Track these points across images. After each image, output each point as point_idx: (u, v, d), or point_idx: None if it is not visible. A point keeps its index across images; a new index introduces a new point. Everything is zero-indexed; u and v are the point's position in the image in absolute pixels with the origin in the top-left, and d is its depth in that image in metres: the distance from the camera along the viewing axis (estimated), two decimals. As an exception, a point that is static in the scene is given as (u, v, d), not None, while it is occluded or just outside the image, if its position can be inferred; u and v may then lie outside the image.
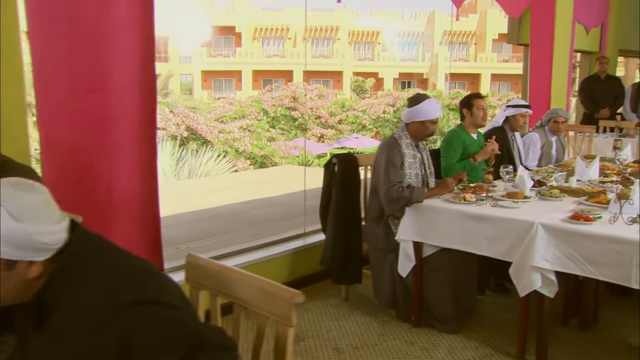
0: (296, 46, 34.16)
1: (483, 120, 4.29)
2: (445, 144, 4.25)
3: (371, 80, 32.37)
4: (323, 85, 28.57)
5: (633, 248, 2.73)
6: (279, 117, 22.34)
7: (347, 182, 3.90)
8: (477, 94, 4.38)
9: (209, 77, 33.30)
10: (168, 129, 13.55)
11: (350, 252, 3.90)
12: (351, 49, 34.76)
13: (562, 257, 2.95)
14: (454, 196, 3.47)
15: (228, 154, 14.29)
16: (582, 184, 3.98)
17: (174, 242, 6.38)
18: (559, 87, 7.10)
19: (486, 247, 3.21)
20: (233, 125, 17.02)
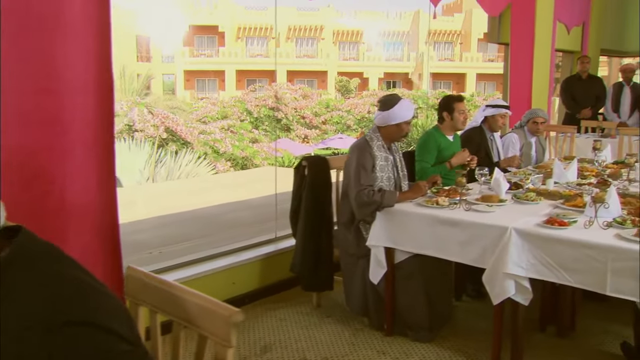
0: (280, 46, 34.00)
1: (463, 124, 4.21)
2: (419, 147, 4.16)
3: (356, 80, 32.34)
4: (307, 86, 28.49)
5: (607, 254, 2.64)
6: (262, 118, 22.20)
7: (317, 185, 3.79)
8: (458, 97, 4.28)
9: (192, 77, 33.04)
10: (146, 130, 13.36)
11: (320, 258, 3.79)
12: (336, 49, 34.68)
13: (536, 264, 2.86)
14: (427, 200, 3.37)
15: (208, 155, 14.13)
16: (559, 187, 3.91)
17: (148, 247, 6.26)
18: (540, 86, 7.05)
19: (458, 253, 3.12)
20: (215, 125, 16.86)
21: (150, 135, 13.35)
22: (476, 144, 4.72)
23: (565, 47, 7.94)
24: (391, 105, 3.52)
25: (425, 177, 3.92)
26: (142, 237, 7.08)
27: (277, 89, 24.26)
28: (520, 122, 5.35)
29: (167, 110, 16.45)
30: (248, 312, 3.85)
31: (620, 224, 2.91)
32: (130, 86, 19.57)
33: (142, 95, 19.76)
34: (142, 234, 7.23)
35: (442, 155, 4.11)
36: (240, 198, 9.41)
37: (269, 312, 3.87)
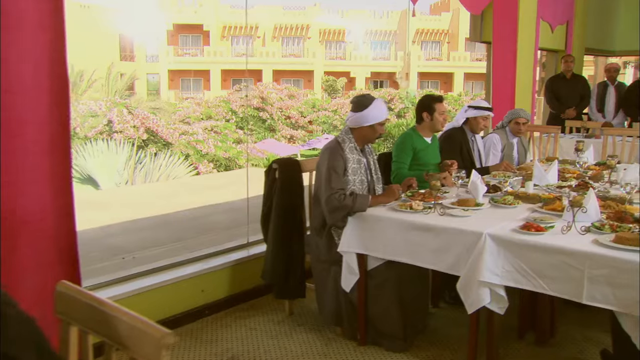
0: (265, 45, 33.83)
1: (442, 126, 4.12)
2: (396, 148, 4.06)
3: (343, 79, 32.25)
4: (294, 85, 28.37)
5: (584, 260, 2.55)
6: (247, 118, 22.05)
7: (288, 188, 3.67)
8: (439, 97, 4.17)
9: (176, 76, 32.81)
10: (126, 131, 13.16)
11: (292, 265, 3.68)
12: (322, 48, 34.57)
13: (512, 271, 2.77)
14: (400, 204, 3.27)
15: (190, 156, 13.96)
16: (539, 189, 3.82)
17: (123, 251, 6.11)
18: (523, 86, 6.98)
19: (431, 259, 3.02)
20: (198, 126, 16.68)
21: (130, 136, 13.15)
22: (457, 144, 4.64)
23: (549, 46, 7.88)
24: (364, 106, 3.41)
25: (400, 178, 3.82)
26: (117, 241, 6.94)
27: (263, 88, 24.15)
28: (502, 122, 5.27)
29: (150, 111, 16.26)
30: (217, 322, 3.72)
31: (598, 229, 2.82)
32: (113, 86, 19.33)
33: (125, 96, 19.50)
34: (116, 238, 7.09)
35: (419, 157, 4.00)
36: (221, 200, 9.27)
37: (239, 320, 3.75)
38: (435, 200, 3.29)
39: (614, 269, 2.48)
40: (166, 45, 32.54)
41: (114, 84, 19.29)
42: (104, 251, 6.32)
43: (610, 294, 2.50)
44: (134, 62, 32.17)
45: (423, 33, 35.17)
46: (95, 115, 13.17)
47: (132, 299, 3.38)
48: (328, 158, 3.36)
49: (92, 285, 3.41)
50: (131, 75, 20.10)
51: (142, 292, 3.43)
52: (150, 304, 3.46)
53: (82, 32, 23.82)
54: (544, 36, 7.40)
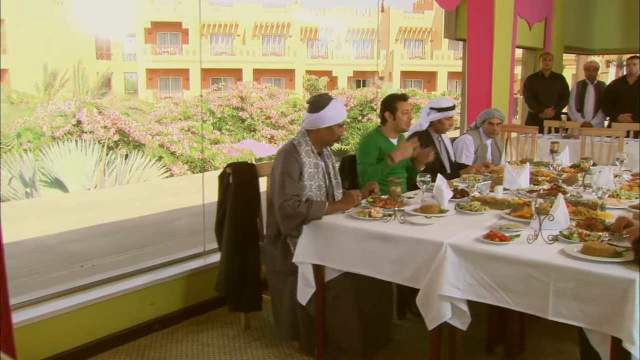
0: (245, 43, 33.55)
1: (407, 125, 3.96)
2: (360, 150, 3.91)
3: (325, 78, 32.03)
4: (275, 85, 28.13)
5: (549, 273, 2.39)
6: (226, 118, 21.80)
7: (243, 194, 3.49)
8: (402, 96, 4.01)
9: (155, 75, 32.39)
10: (96, 132, 12.86)
11: (247, 276, 3.49)
12: (304, 47, 34.36)
13: (474, 284, 2.60)
14: (359, 211, 3.09)
15: (164, 158, 13.70)
16: (510, 194, 3.67)
17: (83, 258, 5.89)
18: (500, 85, 6.86)
19: (390, 271, 2.84)
20: (174, 126, 16.40)
21: (100, 137, 12.86)
22: (424, 146, 4.47)
23: (527, 43, 7.77)
24: (322, 107, 3.24)
25: (370, 178, 3.67)
26: (78, 247, 6.73)
27: (242, 88, 23.91)
28: (475, 122, 5.13)
29: (123, 111, 15.96)
30: (167, 337, 3.53)
31: (566, 237, 2.66)
32: (84, 85, 18.98)
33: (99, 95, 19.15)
34: (78, 244, 6.87)
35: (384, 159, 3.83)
36: (192, 203, 9.05)
37: (191, 335, 3.55)
38: (397, 206, 3.13)
39: (581, 282, 2.32)
40: (144, 44, 32.11)
41: (84, 83, 18.93)
42: (63, 259, 6.11)
43: (577, 309, 2.35)
44: (110, 61, 31.74)
45: (406, 31, 35.10)
46: (63, 115, 12.86)
47: (73, 314, 3.19)
48: (282, 162, 3.18)
49: (30, 301, 3.20)
50: (104, 74, 19.72)
51: (84, 307, 3.24)
52: (92, 320, 3.27)
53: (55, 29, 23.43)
54: (521, 34, 7.29)
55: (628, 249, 2.46)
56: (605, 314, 2.27)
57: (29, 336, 2.97)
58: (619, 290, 2.23)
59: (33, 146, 11.93)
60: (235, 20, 33.35)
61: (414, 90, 28.06)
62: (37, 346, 3.04)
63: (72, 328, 3.19)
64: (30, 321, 3.02)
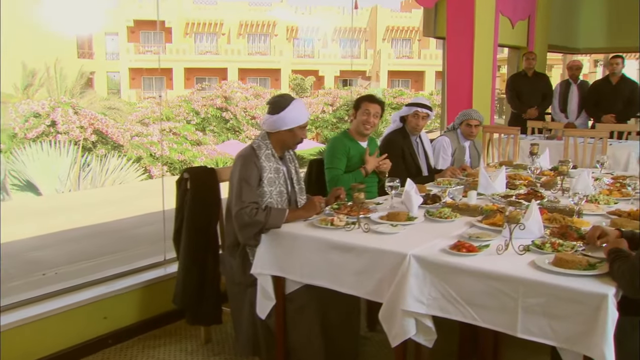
0: (230, 42, 33.30)
1: (365, 128, 3.77)
2: (327, 154, 3.76)
3: (311, 78, 31.90)
4: (260, 84, 27.94)
5: (518, 287, 2.24)
6: (209, 118, 21.58)
7: (201, 201, 3.32)
8: (369, 97, 3.84)
9: (138, 75, 32.07)
10: (71, 132, 12.59)
11: (205, 287, 3.32)
12: (290, 46, 34.18)
13: (439, 298, 2.45)
14: (321, 219, 2.93)
15: (143, 160, 13.48)
16: (484, 200, 3.52)
17: (48, 266, 5.68)
18: (481, 84, 6.73)
19: (353, 284, 2.68)
20: (155, 127, 16.17)
21: (76, 138, 12.60)
22: (398, 148, 4.33)
23: (509, 42, 7.66)
24: (282, 108, 3.07)
25: (342, 185, 3.51)
26: (44, 254, 6.52)
27: (227, 87, 23.71)
28: (453, 124, 5.00)
29: (102, 111, 15.72)
30: (121, 352, 3.35)
31: (538, 247, 2.52)
32: (61, 84, 18.68)
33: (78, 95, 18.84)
34: (44, 251, 6.66)
35: (353, 163, 3.69)
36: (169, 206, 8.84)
37: (147, 350, 3.38)
38: (361, 214, 2.97)
39: (551, 298, 2.18)
40: (126, 42, 31.78)
41: (61, 82, 18.62)
42: (26, 266, 5.89)
43: (547, 326, 2.20)
44: (92, 60, 31.40)
45: (393, 30, 35.00)
46: (37, 116, 12.59)
47: (15, 331, 2.99)
48: (240, 167, 3.01)
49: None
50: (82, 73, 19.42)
51: (27, 323, 3.05)
52: (36, 336, 3.08)
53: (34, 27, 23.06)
54: (504, 32, 7.17)
55: (602, 261, 2.33)
56: (576, 331, 2.13)
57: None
58: (591, 307, 2.09)
59: (5, 147, 11.67)
60: (220, 19, 33.09)
61: (401, 90, 27.92)
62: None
63: (16, 345, 2.99)
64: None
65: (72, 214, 9.17)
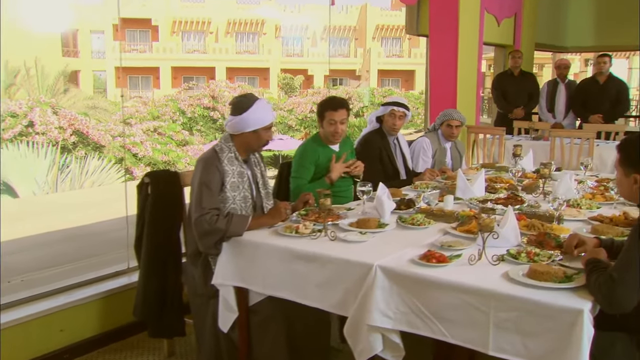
0: (218, 41, 33.07)
1: (334, 137, 3.62)
2: (294, 161, 3.61)
3: (300, 77, 31.72)
4: (249, 84, 27.76)
5: (489, 301, 2.11)
6: (196, 118, 21.41)
7: (162, 207, 3.16)
8: (331, 104, 3.62)
9: (124, 74, 31.79)
10: (50, 133, 12.36)
11: (167, 298, 3.17)
12: (278, 44, 33.98)
13: (407, 312, 2.31)
14: (286, 227, 2.79)
15: (125, 160, 13.28)
16: (462, 205, 3.39)
17: (15, 272, 5.49)
18: (466, 83, 6.61)
19: (316, 296, 2.54)
20: (138, 127, 15.96)
21: (55, 138, 12.37)
22: (375, 149, 4.20)
23: (495, 40, 7.54)
24: (245, 108, 2.92)
25: None
26: (14, 259, 6.31)
27: (214, 87, 23.56)
28: (434, 124, 4.87)
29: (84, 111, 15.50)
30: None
31: (513, 257, 2.39)
32: (44, 83, 18.42)
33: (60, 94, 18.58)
34: (15, 256, 6.46)
35: (323, 169, 3.53)
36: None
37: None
38: (330, 220, 2.84)
39: (524, 313, 2.05)
40: (112, 41, 31.48)
41: (43, 80, 18.35)
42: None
43: (520, 344, 2.07)
44: (78, 58, 31.09)
45: (383, 29, 34.88)
46: (14, 116, 12.36)
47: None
48: (201, 171, 2.87)
49: None
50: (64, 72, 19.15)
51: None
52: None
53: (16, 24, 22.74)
54: (489, 30, 7.06)
55: (580, 272, 2.20)
56: (550, 349, 2.00)
57: None
58: (565, 323, 1.96)
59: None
60: (207, 17, 32.85)
61: (390, 89, 27.83)
62: None
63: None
64: None
65: (48, 216, 8.98)
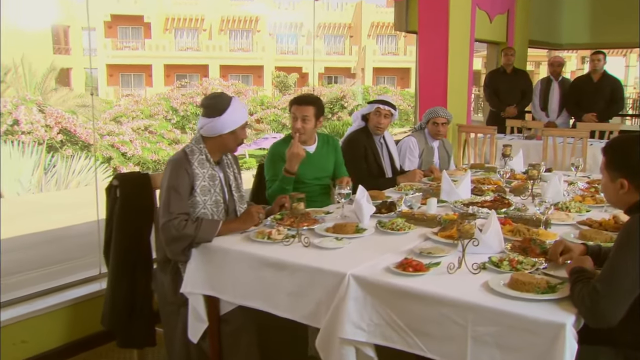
0: (212, 38, 32.88)
1: (300, 133, 3.49)
2: (265, 165, 3.49)
3: (295, 75, 31.56)
4: (242, 82, 27.58)
5: (467, 314, 1.99)
6: (189, 116, 21.28)
7: (131, 210, 3.03)
8: (298, 98, 3.53)
9: (116, 71, 31.57)
10: (36, 132, 12.20)
11: (136, 306, 3.04)
12: (273, 42, 33.81)
13: (382, 325, 2.19)
14: (258, 232, 2.66)
15: (113, 159, 13.13)
16: (446, 207, 3.27)
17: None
18: (457, 81, 6.50)
19: (287, 306, 2.42)
20: (127, 126, 15.81)
21: (42, 137, 12.20)
22: (360, 148, 4.09)
23: (487, 37, 7.42)
24: (223, 110, 2.79)
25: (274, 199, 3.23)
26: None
27: (207, 85, 23.46)
28: (420, 123, 4.76)
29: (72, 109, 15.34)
30: (43, 380, 3.06)
31: (495, 265, 2.27)
32: (31, 81, 18.24)
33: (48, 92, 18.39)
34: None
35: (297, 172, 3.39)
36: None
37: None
38: (306, 225, 2.72)
39: (503, 327, 1.93)
40: (104, 38, 31.25)
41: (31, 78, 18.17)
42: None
43: (500, 359, 1.95)
44: (69, 55, 30.84)
45: (378, 26, 34.73)
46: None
47: None
48: (169, 174, 2.74)
49: None
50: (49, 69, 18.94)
51: None
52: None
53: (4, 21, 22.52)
54: (481, 26, 6.95)
55: (564, 281, 2.08)
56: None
57: None
58: (546, 337, 1.84)
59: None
60: (200, 14, 32.64)
61: (386, 87, 27.69)
62: None
63: None
64: None
65: (32, 218, 8.83)
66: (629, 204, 2.03)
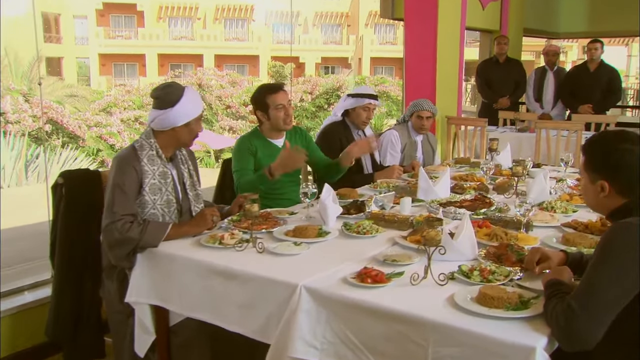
0: (206, 27, 32.54)
1: (286, 123, 3.30)
2: (233, 158, 3.28)
3: (291, 65, 31.24)
4: (237, 72, 27.29)
5: (428, 333, 1.78)
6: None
7: (77, 211, 2.82)
8: (272, 87, 3.36)
9: (108, 61, 31.24)
10: (22, 122, 11.95)
11: (82, 315, 2.84)
12: (269, 31, 33.48)
13: (336, 343, 1.98)
14: (210, 236, 2.45)
15: (101, 151, 12.91)
16: (422, 208, 3.06)
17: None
18: (447, 71, 6.27)
19: (237, 319, 2.21)
20: (115, 117, 15.58)
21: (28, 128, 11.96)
22: (336, 141, 3.87)
23: (480, 25, 7.18)
24: (175, 101, 2.57)
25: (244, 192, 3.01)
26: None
27: (201, 75, 23.25)
28: (404, 116, 4.54)
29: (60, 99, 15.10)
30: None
31: (465, 275, 2.06)
32: (19, 71, 17.98)
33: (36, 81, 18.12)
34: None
35: (263, 165, 3.17)
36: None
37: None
38: (263, 228, 2.51)
39: (467, 348, 1.72)
40: (95, 26, 30.91)
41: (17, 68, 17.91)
42: None
43: (462, 385, 1.74)
44: (60, 44, 30.52)
45: (376, 16, 34.34)
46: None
47: None
48: (115, 172, 2.52)
49: None
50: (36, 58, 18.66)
51: None
52: None
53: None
54: (473, 14, 6.71)
55: (539, 295, 1.87)
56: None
57: None
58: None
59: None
60: (195, 3, 32.27)
61: (383, 77, 27.39)
62: None
63: None
64: None
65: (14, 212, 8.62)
66: (610, 209, 1.82)
